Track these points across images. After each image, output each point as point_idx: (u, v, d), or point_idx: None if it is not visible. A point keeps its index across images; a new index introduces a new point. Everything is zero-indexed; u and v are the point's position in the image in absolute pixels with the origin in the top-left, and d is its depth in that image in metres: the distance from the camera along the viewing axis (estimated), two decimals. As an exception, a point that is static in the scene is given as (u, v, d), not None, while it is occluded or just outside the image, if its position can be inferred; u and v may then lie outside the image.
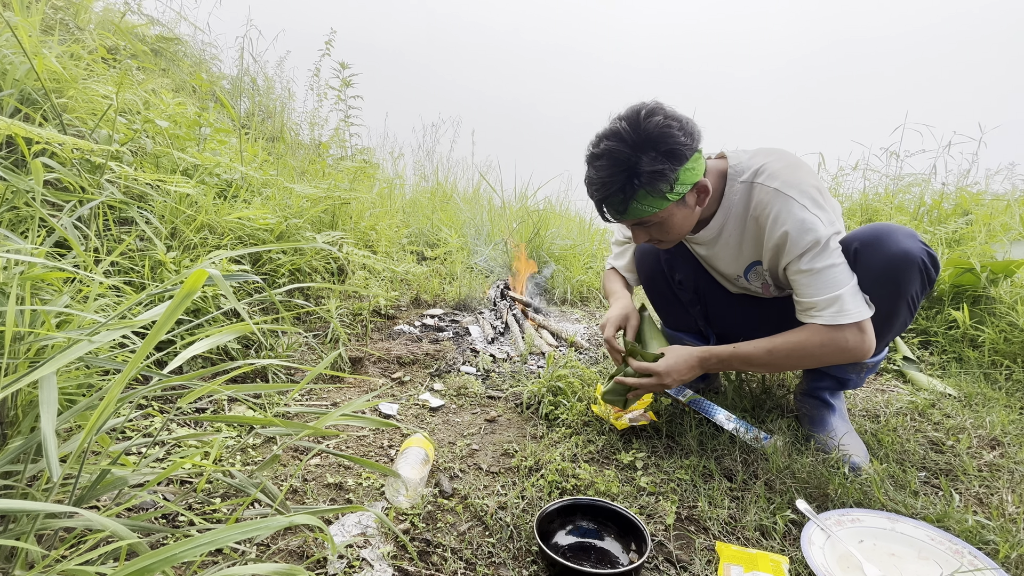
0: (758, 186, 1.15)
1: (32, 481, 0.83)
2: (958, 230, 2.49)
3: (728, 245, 1.25)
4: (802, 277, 1.10)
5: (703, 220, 1.25)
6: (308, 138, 3.76)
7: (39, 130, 1.17)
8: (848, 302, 1.07)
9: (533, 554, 0.93)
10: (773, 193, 1.11)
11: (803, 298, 1.12)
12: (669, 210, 1.13)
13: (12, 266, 0.87)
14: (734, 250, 1.25)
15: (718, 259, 1.31)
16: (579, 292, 2.95)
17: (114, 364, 0.77)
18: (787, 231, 1.09)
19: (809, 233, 1.07)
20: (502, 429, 1.40)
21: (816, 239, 1.07)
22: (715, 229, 1.24)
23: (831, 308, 1.08)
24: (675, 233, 1.19)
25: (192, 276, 0.56)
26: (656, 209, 1.12)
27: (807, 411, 1.32)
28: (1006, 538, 0.94)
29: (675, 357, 1.23)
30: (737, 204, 1.19)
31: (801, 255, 1.08)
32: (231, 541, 0.49)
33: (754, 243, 1.20)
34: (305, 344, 1.71)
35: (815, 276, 1.08)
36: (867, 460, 1.20)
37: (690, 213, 1.17)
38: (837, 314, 1.07)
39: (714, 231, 1.25)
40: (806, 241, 1.07)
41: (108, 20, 2.58)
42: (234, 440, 1.17)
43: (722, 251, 1.28)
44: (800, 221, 1.07)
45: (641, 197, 1.10)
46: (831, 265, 1.08)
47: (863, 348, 1.09)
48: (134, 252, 1.48)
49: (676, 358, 1.23)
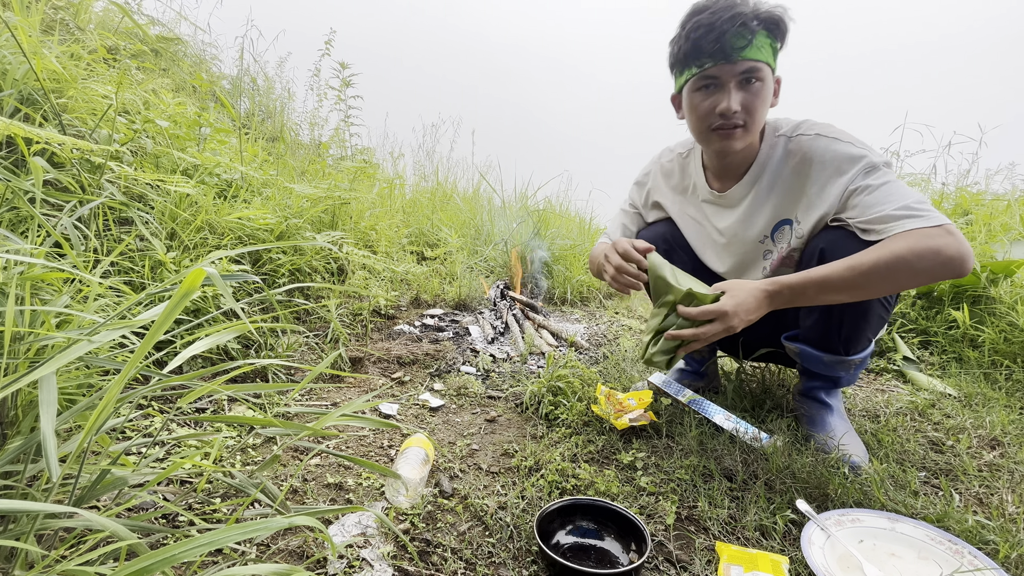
0: (799, 137, 1.13)
1: (32, 481, 0.83)
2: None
3: (757, 203, 1.22)
4: (864, 196, 1.04)
5: (734, 176, 1.23)
6: (308, 138, 3.76)
7: (39, 130, 1.17)
8: (924, 206, 0.99)
9: (533, 554, 0.93)
10: (814, 138, 1.11)
11: (871, 216, 1.03)
12: (769, 76, 1.09)
13: (12, 266, 0.87)
14: (764, 208, 1.21)
15: (743, 222, 1.26)
16: (579, 292, 2.95)
17: (114, 364, 0.77)
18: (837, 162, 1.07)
19: (861, 160, 1.06)
20: (502, 429, 1.40)
21: (870, 163, 1.06)
22: (746, 185, 1.21)
23: (908, 215, 0.99)
24: (763, 111, 1.12)
25: (190, 276, 0.56)
26: (766, 61, 1.07)
27: (805, 412, 1.33)
28: (1006, 538, 0.94)
29: (741, 293, 1.08)
30: (775, 158, 1.17)
31: (856, 176, 1.06)
32: (231, 541, 0.49)
33: (790, 196, 1.17)
34: (305, 344, 1.71)
35: (877, 191, 1.03)
36: (866, 460, 1.20)
37: (767, 100, 1.12)
38: (917, 218, 0.98)
39: (745, 188, 1.21)
40: (859, 166, 1.06)
41: (109, 20, 2.58)
42: (234, 440, 1.17)
43: (750, 211, 1.24)
44: (848, 153, 1.07)
45: (759, 38, 1.05)
46: (891, 181, 1.04)
47: (961, 251, 0.95)
48: (134, 252, 1.48)
49: (742, 294, 1.08)
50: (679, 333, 1.11)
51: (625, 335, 2.28)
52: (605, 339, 2.26)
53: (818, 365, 1.26)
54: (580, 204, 3.97)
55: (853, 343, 1.21)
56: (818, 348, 1.25)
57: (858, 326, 1.17)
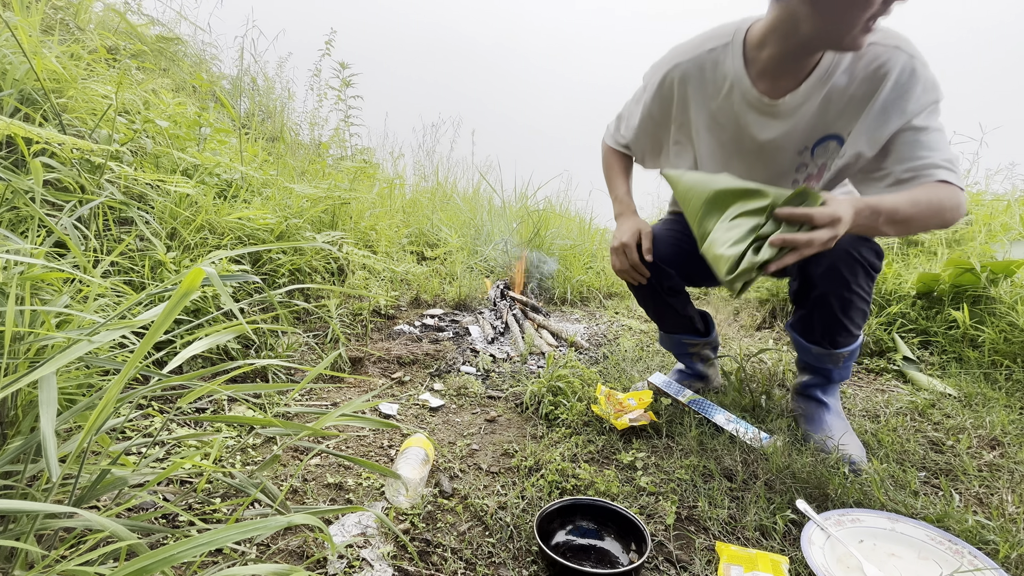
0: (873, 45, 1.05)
1: (32, 481, 0.83)
2: (958, 230, 2.49)
3: (810, 113, 1.12)
4: (922, 135, 1.05)
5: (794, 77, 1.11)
6: (308, 138, 3.76)
7: (39, 130, 1.17)
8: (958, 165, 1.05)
9: (533, 554, 0.93)
10: (894, 50, 1.05)
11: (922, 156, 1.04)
12: None
13: (12, 266, 0.87)
14: (815, 119, 1.13)
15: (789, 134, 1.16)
16: (579, 292, 2.95)
17: (114, 364, 0.77)
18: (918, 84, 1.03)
19: (936, 90, 1.04)
20: (502, 429, 1.40)
21: (938, 98, 1.05)
22: (806, 93, 1.11)
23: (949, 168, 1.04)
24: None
25: (189, 275, 0.56)
26: None
27: (803, 411, 1.33)
28: (1006, 538, 0.94)
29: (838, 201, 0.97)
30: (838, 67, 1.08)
31: (923, 111, 1.04)
32: (231, 541, 0.49)
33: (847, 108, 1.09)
34: (305, 344, 1.71)
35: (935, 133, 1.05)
36: (864, 458, 1.20)
37: None
38: (954, 173, 1.04)
39: (803, 95, 1.11)
40: (931, 97, 1.04)
41: (109, 21, 2.58)
42: (234, 440, 1.17)
43: (800, 121, 1.14)
44: (929, 77, 1.04)
45: None
46: (942, 129, 1.06)
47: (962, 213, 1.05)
48: (134, 252, 1.48)
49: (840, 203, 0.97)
50: (793, 238, 0.93)
51: (625, 335, 2.28)
52: (605, 339, 2.26)
53: (809, 356, 1.31)
54: (580, 204, 3.97)
55: (836, 336, 1.24)
56: (807, 340, 1.28)
57: (837, 321, 1.20)
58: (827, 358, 1.28)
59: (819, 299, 1.21)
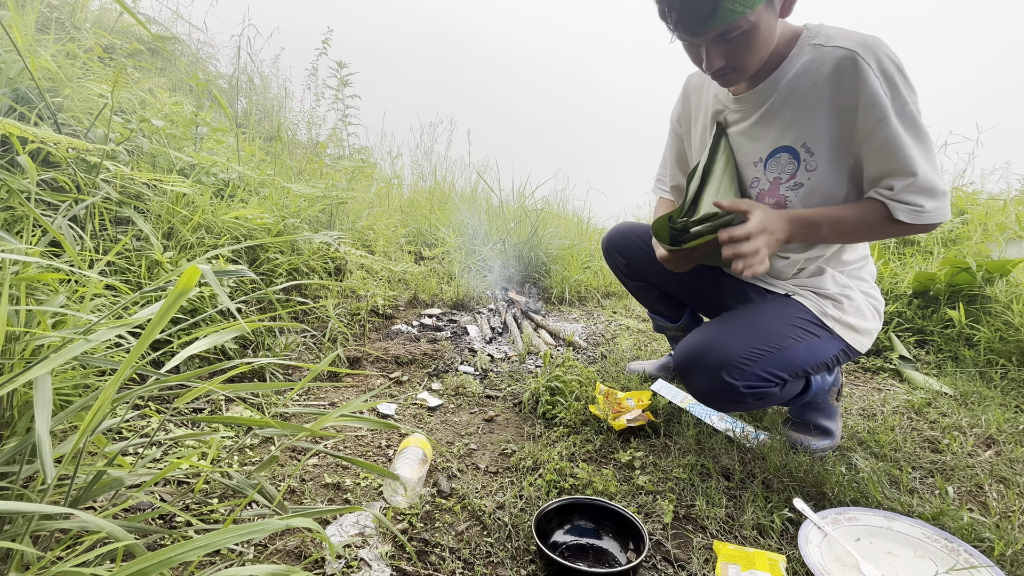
0: (838, 49, 1.03)
1: (28, 482, 0.83)
2: (954, 229, 2.50)
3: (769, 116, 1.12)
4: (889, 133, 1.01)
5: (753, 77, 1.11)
6: (306, 137, 3.75)
7: (34, 129, 1.16)
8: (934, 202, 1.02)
9: (531, 553, 0.93)
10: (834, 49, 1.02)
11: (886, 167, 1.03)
12: (759, 13, 0.98)
13: (7, 266, 0.87)
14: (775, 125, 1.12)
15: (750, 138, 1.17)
16: (577, 292, 2.95)
17: (110, 364, 0.77)
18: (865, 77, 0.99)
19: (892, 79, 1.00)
20: (500, 429, 1.40)
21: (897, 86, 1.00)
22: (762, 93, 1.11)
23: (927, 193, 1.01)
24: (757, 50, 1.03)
25: (185, 274, 0.56)
26: (748, 9, 0.96)
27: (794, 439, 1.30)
28: (1001, 536, 0.94)
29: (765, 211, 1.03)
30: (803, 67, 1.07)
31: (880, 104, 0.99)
32: (229, 543, 0.49)
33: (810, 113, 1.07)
34: (303, 344, 1.71)
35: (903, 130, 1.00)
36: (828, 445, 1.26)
37: (774, 24, 1.03)
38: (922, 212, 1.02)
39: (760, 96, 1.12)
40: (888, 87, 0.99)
41: (105, 19, 2.57)
42: (231, 440, 1.16)
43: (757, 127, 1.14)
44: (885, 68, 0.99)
45: (726, 1, 0.95)
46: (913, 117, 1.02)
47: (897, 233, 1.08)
48: (130, 252, 1.47)
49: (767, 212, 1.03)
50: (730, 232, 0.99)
51: (623, 334, 2.28)
52: (603, 338, 2.26)
53: None
54: (578, 204, 3.97)
55: None
56: None
57: None
58: None
59: None
